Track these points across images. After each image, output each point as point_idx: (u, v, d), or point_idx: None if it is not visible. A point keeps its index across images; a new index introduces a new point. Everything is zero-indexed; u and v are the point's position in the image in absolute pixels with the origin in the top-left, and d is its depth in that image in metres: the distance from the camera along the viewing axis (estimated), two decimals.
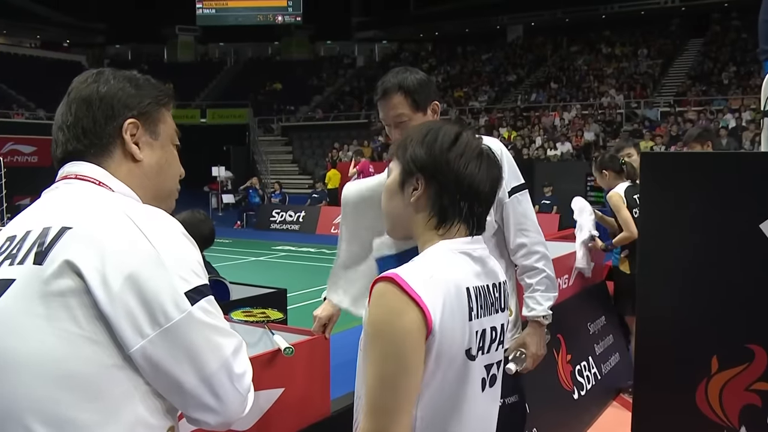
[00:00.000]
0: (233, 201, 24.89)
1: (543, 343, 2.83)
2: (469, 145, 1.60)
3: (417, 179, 1.60)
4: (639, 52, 31.19)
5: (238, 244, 16.67)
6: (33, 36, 41.85)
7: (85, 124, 1.44)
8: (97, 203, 1.34)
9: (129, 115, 1.46)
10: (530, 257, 2.76)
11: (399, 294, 1.44)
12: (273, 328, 2.73)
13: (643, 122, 23.73)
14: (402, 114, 2.65)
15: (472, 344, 1.52)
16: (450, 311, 1.47)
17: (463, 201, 1.58)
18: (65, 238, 1.26)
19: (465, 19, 38.55)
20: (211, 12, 43.51)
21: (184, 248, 1.32)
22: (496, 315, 1.62)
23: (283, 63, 42.59)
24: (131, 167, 1.47)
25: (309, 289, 10.27)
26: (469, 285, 1.54)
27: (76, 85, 1.49)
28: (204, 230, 4.13)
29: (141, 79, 1.54)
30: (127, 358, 1.22)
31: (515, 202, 2.74)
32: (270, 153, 32.04)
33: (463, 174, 1.57)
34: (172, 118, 1.58)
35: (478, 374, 1.56)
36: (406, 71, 2.73)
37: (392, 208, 1.67)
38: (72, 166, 1.44)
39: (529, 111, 27.54)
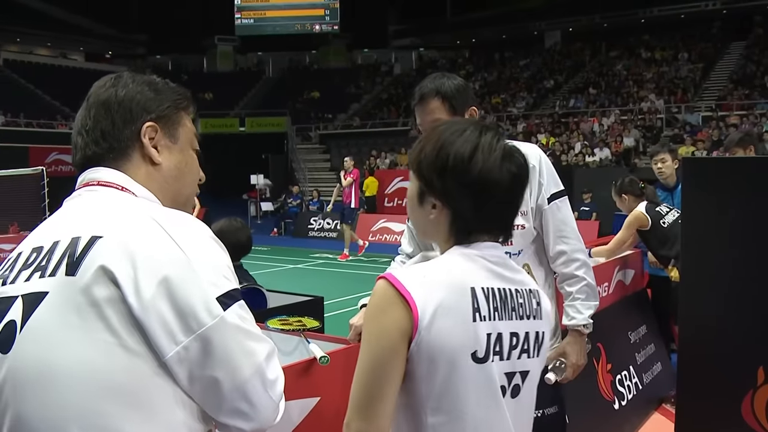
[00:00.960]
0: (272, 209, 25.05)
1: (583, 352, 2.77)
2: (488, 158, 1.50)
3: (435, 199, 1.54)
4: (679, 56, 30.76)
5: (276, 252, 16.77)
6: (76, 48, 42.71)
7: (103, 128, 1.44)
8: (124, 210, 1.33)
9: (148, 118, 1.46)
10: (570, 265, 2.71)
11: (389, 291, 1.44)
12: (309, 337, 2.72)
13: (683, 127, 23.38)
14: (439, 119, 2.60)
15: (479, 346, 1.46)
16: (444, 310, 1.43)
17: (486, 218, 1.54)
18: (97, 247, 1.25)
19: (502, 25, 38.41)
20: (250, 22, 43.99)
21: (214, 252, 1.31)
22: (521, 321, 1.55)
23: (321, 71, 42.83)
24: (150, 171, 1.46)
25: (346, 296, 10.27)
26: (476, 285, 1.48)
27: (95, 89, 1.49)
28: (241, 238, 4.15)
29: (160, 83, 1.53)
30: (163, 365, 1.22)
31: (555, 208, 2.69)
32: (308, 161, 32.21)
33: (484, 192, 1.50)
34: (191, 122, 1.57)
35: (494, 380, 1.49)
36: (444, 76, 2.70)
37: (416, 219, 1.64)
38: (93, 172, 1.44)
39: (568, 117, 27.31)
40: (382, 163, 26.06)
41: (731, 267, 2.56)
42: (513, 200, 1.56)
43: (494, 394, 1.50)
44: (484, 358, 1.47)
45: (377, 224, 19.49)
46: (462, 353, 1.45)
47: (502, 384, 1.51)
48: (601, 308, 3.47)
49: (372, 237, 19.15)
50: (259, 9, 44.03)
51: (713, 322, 2.58)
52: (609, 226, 15.70)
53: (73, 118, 8.76)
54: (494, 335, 1.49)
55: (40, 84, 35.61)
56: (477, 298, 1.47)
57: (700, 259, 2.59)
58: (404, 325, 1.42)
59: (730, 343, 2.55)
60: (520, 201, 1.58)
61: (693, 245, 2.61)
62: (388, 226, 19.20)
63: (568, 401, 2.95)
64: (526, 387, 1.57)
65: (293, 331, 2.80)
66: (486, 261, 1.53)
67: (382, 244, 18.49)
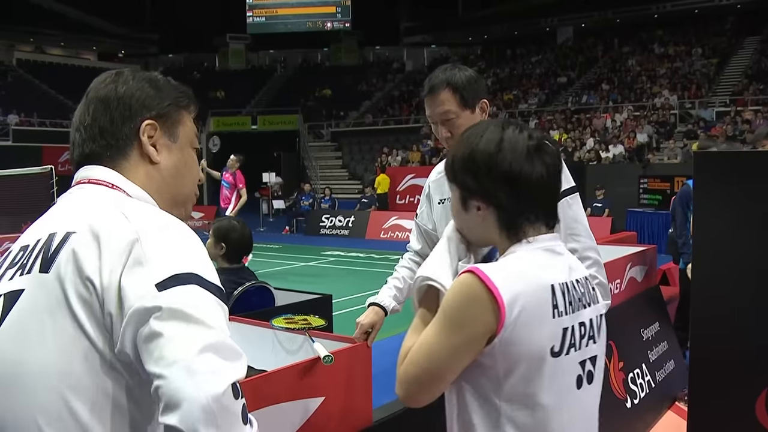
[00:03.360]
0: (284, 207, 25.06)
1: None
2: (515, 150, 1.56)
3: (477, 201, 1.61)
4: (693, 52, 30.53)
5: (288, 250, 16.77)
6: (89, 47, 42.92)
7: (102, 124, 1.41)
8: (100, 205, 1.31)
9: (147, 115, 1.43)
10: (582, 263, 2.67)
11: (478, 284, 1.46)
12: (314, 336, 2.69)
13: (697, 123, 23.19)
14: (449, 111, 2.60)
15: (556, 341, 1.51)
16: (529, 308, 1.47)
17: (528, 205, 1.58)
18: (69, 243, 1.24)
19: (514, 21, 38.29)
20: (262, 20, 44.10)
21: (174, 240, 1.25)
22: (585, 310, 1.61)
23: (333, 69, 42.85)
24: (148, 170, 1.43)
25: (356, 294, 10.24)
26: (555, 282, 1.54)
27: (94, 85, 1.47)
28: (241, 238, 4.15)
29: (161, 80, 1.50)
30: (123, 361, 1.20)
31: (565, 205, 2.64)
32: (320, 158, 32.25)
33: (517, 183, 1.55)
34: (192, 121, 1.53)
35: (571, 371, 1.56)
36: (455, 68, 2.67)
37: (466, 227, 1.69)
38: (86, 170, 1.42)
39: (580, 113, 27.16)
40: (393, 161, 26.02)
41: (745, 264, 2.50)
42: (551, 186, 1.62)
43: (571, 386, 1.56)
44: (560, 351, 1.52)
45: (389, 221, 19.46)
46: (543, 350, 1.49)
47: (578, 374, 1.57)
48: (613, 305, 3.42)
49: (383, 234, 19.14)
50: (270, 7, 44.14)
51: (727, 320, 2.53)
52: (622, 222, 15.63)
53: None
54: (569, 329, 1.54)
55: (53, 83, 35.82)
56: (555, 295, 1.52)
57: (713, 256, 2.54)
58: (489, 321, 1.45)
59: (743, 341, 2.49)
60: (558, 186, 1.65)
61: (706, 242, 2.55)
62: (399, 224, 19.14)
63: None
64: (597, 371, 1.64)
65: (298, 330, 2.77)
66: (554, 255, 1.60)
67: (394, 241, 18.45)
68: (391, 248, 16.64)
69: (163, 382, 1.10)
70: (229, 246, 4.14)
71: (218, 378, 1.11)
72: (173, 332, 1.13)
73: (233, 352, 1.17)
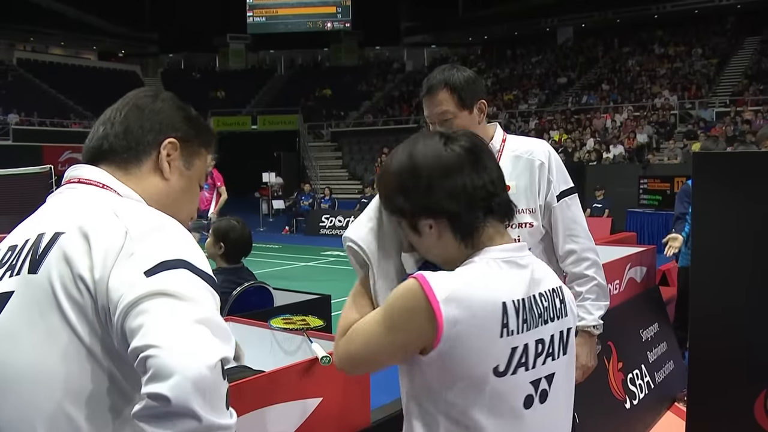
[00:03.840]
0: (283, 207, 25.05)
1: (593, 354, 2.72)
2: (425, 153, 1.52)
3: (424, 219, 1.52)
4: (693, 52, 30.51)
5: (288, 250, 16.76)
6: (89, 47, 42.93)
7: (130, 125, 1.44)
8: (91, 205, 1.32)
9: (172, 135, 1.47)
10: (580, 264, 2.66)
11: (420, 296, 1.41)
12: (312, 336, 2.69)
13: (697, 123, 23.18)
14: (447, 111, 2.59)
15: (501, 361, 1.44)
16: (471, 326, 1.40)
17: (472, 203, 1.50)
18: (58, 243, 1.24)
19: (514, 21, 38.28)
20: (262, 20, 44.10)
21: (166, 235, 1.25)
22: (545, 326, 1.52)
23: (333, 69, 42.84)
24: (157, 183, 1.46)
25: None
26: (507, 299, 1.45)
27: (135, 93, 1.52)
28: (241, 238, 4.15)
29: (195, 115, 1.55)
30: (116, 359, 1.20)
31: (564, 206, 2.65)
32: (320, 158, 32.23)
33: (466, 192, 1.49)
34: (206, 163, 1.58)
35: (518, 392, 1.48)
36: (453, 68, 2.66)
37: (428, 249, 1.59)
38: (76, 169, 1.43)
39: (580, 113, 27.15)
40: None
41: (744, 264, 2.50)
42: (483, 176, 1.52)
43: (516, 407, 1.48)
44: (505, 371, 1.45)
45: None
46: (484, 370, 1.43)
47: (528, 393, 1.50)
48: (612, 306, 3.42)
49: None
50: (271, 7, 44.13)
51: (725, 321, 2.52)
52: (622, 223, 15.62)
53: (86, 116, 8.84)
54: (520, 348, 1.47)
55: (54, 83, 35.81)
56: (507, 313, 1.44)
57: (712, 256, 2.53)
58: (426, 333, 1.41)
59: (742, 342, 2.49)
60: (493, 175, 1.54)
61: (705, 242, 2.54)
62: None
63: (578, 400, 2.89)
64: (554, 389, 1.55)
65: (296, 330, 2.77)
66: (516, 266, 1.52)
67: None
68: None
69: (153, 351, 1.07)
70: (228, 245, 4.14)
71: (211, 350, 1.10)
72: (161, 308, 1.13)
73: (224, 331, 1.16)
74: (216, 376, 1.09)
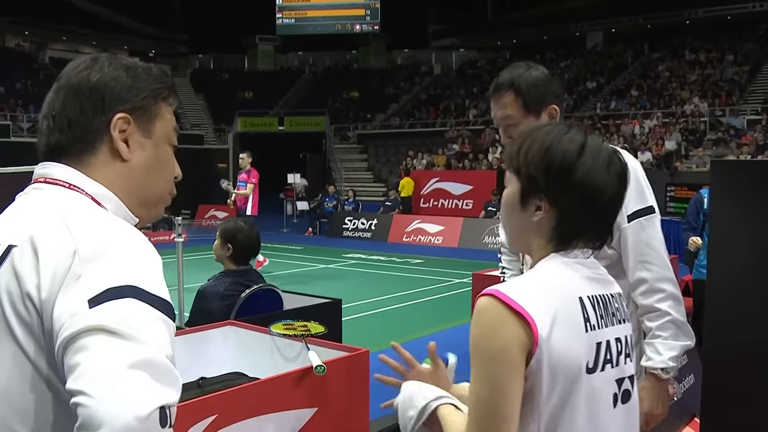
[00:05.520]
0: (307, 208, 25.10)
1: (662, 401, 2.41)
2: (596, 158, 1.47)
3: (540, 200, 1.49)
4: (725, 58, 30.07)
5: (310, 251, 16.76)
6: (120, 47, 43.35)
7: (71, 115, 1.30)
8: (46, 213, 1.22)
9: (121, 108, 1.31)
10: (651, 296, 2.32)
11: (499, 308, 1.37)
12: (313, 343, 2.63)
13: (727, 131, 22.82)
14: (510, 116, 2.42)
15: (590, 357, 1.43)
16: (561, 322, 1.38)
17: (591, 220, 1.49)
18: (9, 257, 1.17)
19: (543, 26, 38.04)
20: (291, 22, 44.22)
21: (115, 252, 1.15)
22: (620, 326, 1.52)
23: (361, 71, 42.86)
24: (118, 168, 1.32)
25: (373, 299, 10.18)
26: (583, 294, 1.45)
27: (67, 70, 1.36)
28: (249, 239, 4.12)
29: (140, 68, 1.38)
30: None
31: (637, 228, 2.34)
32: (345, 161, 32.23)
33: (592, 193, 1.46)
34: (171, 114, 1.41)
35: (606, 389, 1.47)
36: (526, 67, 2.47)
37: (513, 223, 1.58)
38: (43, 167, 1.31)
39: (608, 119, 26.87)
40: (418, 164, 25.94)
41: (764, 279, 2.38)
42: (617, 204, 1.54)
43: (606, 405, 1.47)
44: (594, 368, 1.43)
45: (412, 225, 19.40)
46: (579, 365, 1.41)
47: (614, 392, 1.49)
48: None
49: (406, 238, 19.08)
50: (300, 9, 44.24)
51: (744, 337, 2.41)
52: None
53: None
54: (603, 344, 1.46)
55: None
56: (585, 307, 1.44)
57: (730, 270, 2.42)
58: (523, 341, 1.35)
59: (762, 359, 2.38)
60: (621, 205, 1.55)
61: (722, 256, 2.44)
62: (422, 227, 19.09)
63: None
64: (634, 390, 1.55)
65: (296, 337, 2.71)
66: (585, 268, 1.51)
67: (416, 245, 18.41)
68: (413, 251, 16.59)
69: (83, 399, 0.99)
70: (236, 247, 4.10)
71: (145, 398, 1.01)
72: (99, 347, 1.03)
73: (168, 373, 1.06)
74: (150, 427, 1.00)
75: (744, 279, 2.39)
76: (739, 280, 2.41)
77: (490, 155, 24.79)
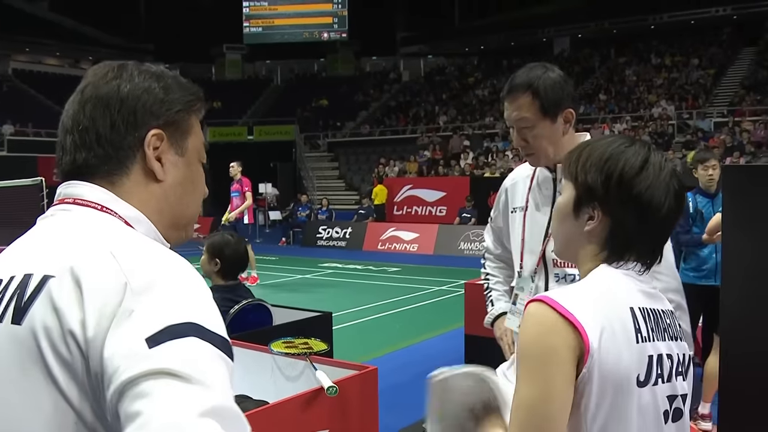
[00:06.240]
0: (280, 218, 24.91)
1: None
2: (657, 175, 1.45)
3: (593, 209, 1.46)
4: (690, 62, 30.51)
5: (285, 261, 16.60)
6: (85, 57, 42.82)
7: (101, 130, 1.18)
8: (85, 239, 1.09)
9: (154, 124, 1.20)
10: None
11: (550, 314, 1.32)
12: (316, 362, 2.53)
13: (695, 133, 23.12)
14: (526, 118, 2.37)
15: (641, 369, 1.37)
16: (612, 331, 1.34)
17: (645, 234, 1.45)
18: (46, 289, 1.03)
19: (510, 32, 38.26)
20: (258, 30, 44.01)
21: (173, 284, 1.03)
22: (673, 342, 1.47)
23: (329, 79, 42.77)
24: (152, 189, 1.21)
25: (356, 308, 10.10)
26: (634, 305, 1.41)
27: (92, 78, 1.23)
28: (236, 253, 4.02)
29: (170, 77, 1.28)
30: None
31: None
32: (316, 169, 32.11)
33: (648, 208, 1.43)
34: (200, 129, 1.31)
35: (658, 405, 1.42)
36: (543, 68, 2.43)
37: (564, 231, 1.54)
38: (70, 186, 1.18)
39: (578, 123, 26.87)
40: (391, 171, 25.90)
41: None
42: (671, 222, 1.50)
43: (658, 421, 1.42)
44: (646, 381, 1.39)
45: (386, 233, 19.33)
46: (630, 377, 1.36)
47: (665, 408, 1.44)
48: None
49: (381, 246, 19.00)
50: (267, 17, 44.04)
51: (760, 345, 2.36)
52: None
53: None
54: (655, 357, 1.41)
55: (49, 93, 35.64)
56: (636, 318, 1.40)
57: (744, 276, 2.38)
58: (575, 346, 1.31)
59: None
60: (675, 224, 1.50)
61: (734, 260, 2.39)
62: (397, 235, 19.03)
63: None
64: (685, 409, 1.50)
65: (299, 356, 2.61)
66: (637, 281, 1.47)
67: (391, 253, 18.35)
68: (389, 260, 16.52)
69: None
70: (224, 262, 4.00)
71: None
72: (164, 393, 0.91)
73: (237, 420, 0.95)
74: None
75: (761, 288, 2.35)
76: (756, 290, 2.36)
77: (462, 161, 24.83)
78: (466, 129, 29.24)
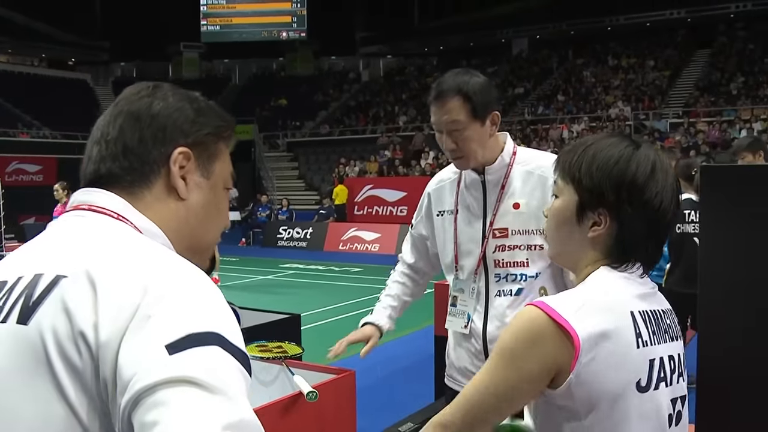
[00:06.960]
0: (239, 218, 24.69)
1: None
2: (665, 179, 1.42)
3: (599, 215, 1.41)
4: (646, 64, 31.03)
5: (246, 263, 16.43)
6: (38, 54, 41.96)
7: (128, 143, 1.17)
8: (102, 242, 1.05)
9: (182, 142, 1.19)
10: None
11: (544, 321, 1.30)
12: (291, 365, 2.47)
13: (651, 134, 23.51)
14: (457, 121, 2.38)
15: (642, 375, 1.35)
16: (609, 338, 1.31)
17: (651, 238, 1.42)
18: (57, 289, 0.98)
19: (469, 32, 38.50)
20: (216, 29, 43.61)
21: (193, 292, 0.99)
22: (673, 343, 1.45)
23: (288, 79, 42.55)
24: (173, 207, 1.19)
25: (320, 309, 10.03)
26: (635, 309, 1.38)
27: (126, 95, 1.23)
28: None
29: (203, 102, 1.28)
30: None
31: None
32: (276, 169, 31.90)
33: (658, 211, 1.41)
34: (229, 158, 1.30)
35: (662, 410, 1.39)
36: (468, 73, 2.47)
37: (561, 236, 1.49)
38: (86, 193, 1.16)
39: (537, 124, 27.35)
40: (351, 171, 25.85)
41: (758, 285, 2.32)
42: (672, 224, 1.50)
43: (662, 425, 1.40)
44: (647, 386, 1.36)
45: (348, 233, 19.27)
46: (627, 384, 1.34)
47: (669, 413, 1.42)
48: None
49: (342, 246, 18.94)
50: (225, 15, 43.67)
51: (737, 343, 2.36)
52: None
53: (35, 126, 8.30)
54: (657, 361, 1.39)
55: (1, 91, 34.87)
56: (637, 322, 1.37)
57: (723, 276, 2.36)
58: (560, 360, 1.29)
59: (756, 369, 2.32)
60: (673, 226, 1.47)
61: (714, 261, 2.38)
62: (358, 235, 18.98)
63: None
64: (685, 411, 1.49)
65: (274, 360, 2.54)
66: (637, 284, 1.43)
67: (353, 253, 18.29)
68: (351, 260, 16.46)
69: None
70: None
71: None
72: (184, 402, 0.85)
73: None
74: None
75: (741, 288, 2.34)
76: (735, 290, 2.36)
77: (422, 161, 24.88)
78: (425, 129, 29.35)
